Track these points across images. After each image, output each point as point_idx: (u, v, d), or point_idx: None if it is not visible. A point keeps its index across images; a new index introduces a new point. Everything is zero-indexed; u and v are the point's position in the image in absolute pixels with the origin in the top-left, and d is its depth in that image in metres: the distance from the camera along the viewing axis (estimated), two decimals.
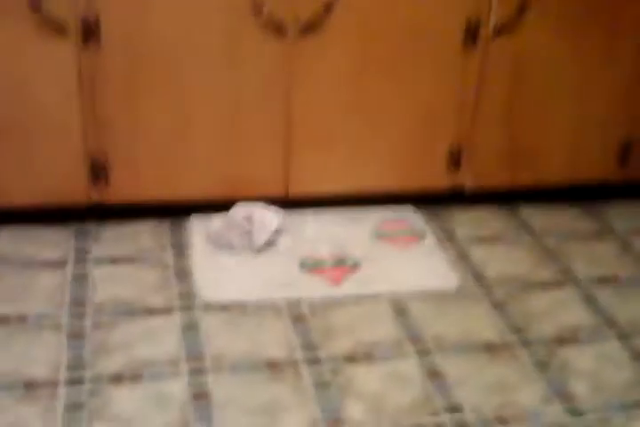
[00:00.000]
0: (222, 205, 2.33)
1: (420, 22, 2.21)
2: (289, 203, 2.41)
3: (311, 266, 2.21)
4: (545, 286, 2.22)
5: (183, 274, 2.17)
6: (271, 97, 2.23)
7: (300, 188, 2.39)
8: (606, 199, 2.69)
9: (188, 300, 2.06)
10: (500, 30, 2.25)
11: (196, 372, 1.81)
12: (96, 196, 2.27)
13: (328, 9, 2.13)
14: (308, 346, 1.92)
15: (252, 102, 2.22)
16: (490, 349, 1.95)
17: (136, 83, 2.14)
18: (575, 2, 2.27)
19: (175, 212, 2.41)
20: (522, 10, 2.23)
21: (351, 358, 1.89)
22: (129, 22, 2.06)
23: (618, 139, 2.53)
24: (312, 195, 2.43)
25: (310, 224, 2.40)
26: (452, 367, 1.88)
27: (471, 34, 2.25)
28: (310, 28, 2.14)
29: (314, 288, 2.12)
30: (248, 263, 2.21)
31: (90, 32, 2.04)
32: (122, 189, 2.28)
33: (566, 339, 2.01)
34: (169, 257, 2.24)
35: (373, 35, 2.20)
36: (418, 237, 2.38)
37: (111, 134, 2.20)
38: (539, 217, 2.57)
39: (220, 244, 2.25)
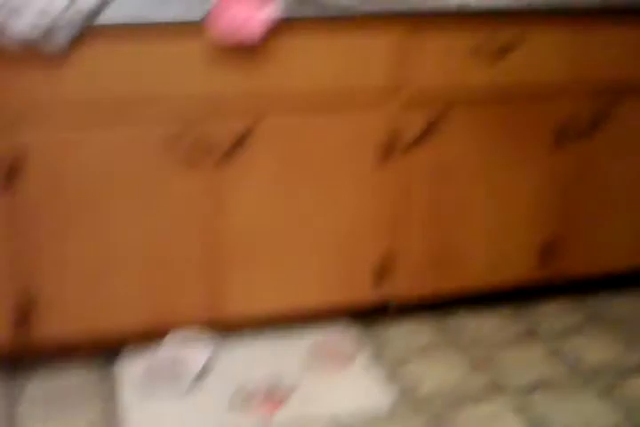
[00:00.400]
0: (154, 335, 2.32)
1: (336, 143, 2.28)
2: (220, 326, 2.41)
3: (243, 399, 2.19)
4: (477, 398, 2.23)
5: (113, 417, 2.13)
6: (193, 223, 2.25)
7: (229, 311, 2.39)
8: (533, 299, 2.73)
9: None
10: (415, 144, 2.34)
11: None
12: (22, 337, 2.25)
13: (242, 139, 2.19)
14: None
15: (174, 229, 2.24)
16: None
17: (60, 220, 2.15)
18: (486, 115, 2.38)
19: (105, 347, 2.38)
20: (433, 125, 2.33)
21: None
22: (54, 161, 2.08)
23: (539, 240, 2.60)
24: (243, 317, 2.43)
25: (241, 350, 2.40)
26: None
27: (386, 150, 2.32)
28: (227, 157, 2.20)
29: (247, 423, 2.11)
30: (177, 403, 2.17)
31: (14, 171, 2.06)
32: (49, 328, 2.25)
33: None
34: (99, 399, 2.20)
35: (292, 157, 2.26)
36: (350, 355, 2.39)
37: (36, 274, 2.19)
38: (467, 324, 2.60)
39: (148, 385, 2.23)
